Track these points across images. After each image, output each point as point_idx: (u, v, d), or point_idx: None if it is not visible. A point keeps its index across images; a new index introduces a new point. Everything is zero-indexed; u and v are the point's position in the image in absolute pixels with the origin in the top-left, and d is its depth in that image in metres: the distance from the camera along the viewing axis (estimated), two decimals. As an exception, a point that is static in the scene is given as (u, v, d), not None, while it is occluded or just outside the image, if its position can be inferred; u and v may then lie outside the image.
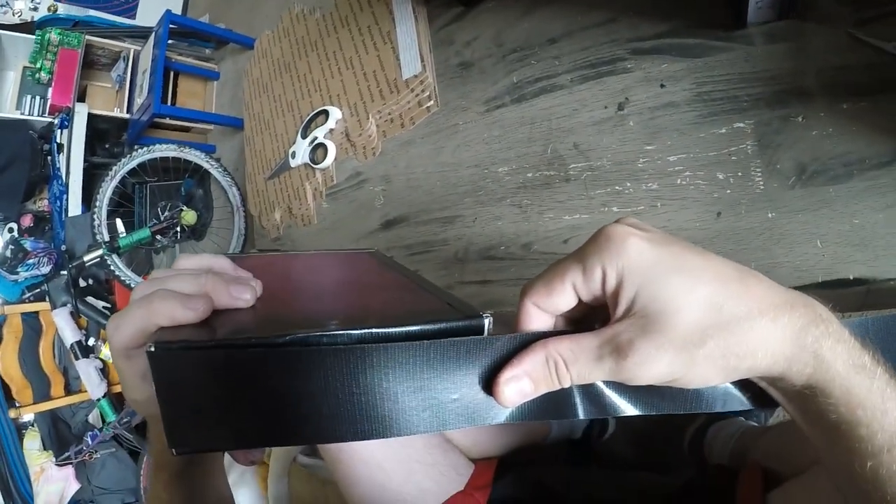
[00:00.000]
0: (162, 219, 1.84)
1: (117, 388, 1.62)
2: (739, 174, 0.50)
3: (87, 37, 1.95)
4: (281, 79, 0.99)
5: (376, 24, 0.81)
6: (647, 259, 0.25)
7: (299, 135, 0.89)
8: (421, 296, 0.30)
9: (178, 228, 1.77)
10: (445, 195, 0.68)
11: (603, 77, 0.57)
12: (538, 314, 0.28)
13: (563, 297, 0.27)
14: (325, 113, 0.87)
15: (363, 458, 0.57)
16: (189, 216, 1.76)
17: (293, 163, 0.89)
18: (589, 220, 0.55)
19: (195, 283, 0.29)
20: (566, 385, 0.27)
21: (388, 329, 0.24)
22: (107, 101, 2.04)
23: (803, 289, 0.47)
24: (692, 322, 0.24)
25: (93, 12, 2.23)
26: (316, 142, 0.85)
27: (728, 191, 0.50)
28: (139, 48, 2.01)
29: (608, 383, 0.27)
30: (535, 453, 0.87)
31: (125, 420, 1.53)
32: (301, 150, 0.87)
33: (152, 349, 0.24)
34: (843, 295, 0.47)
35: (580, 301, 0.27)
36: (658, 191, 0.52)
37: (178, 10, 2.44)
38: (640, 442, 0.97)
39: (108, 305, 1.62)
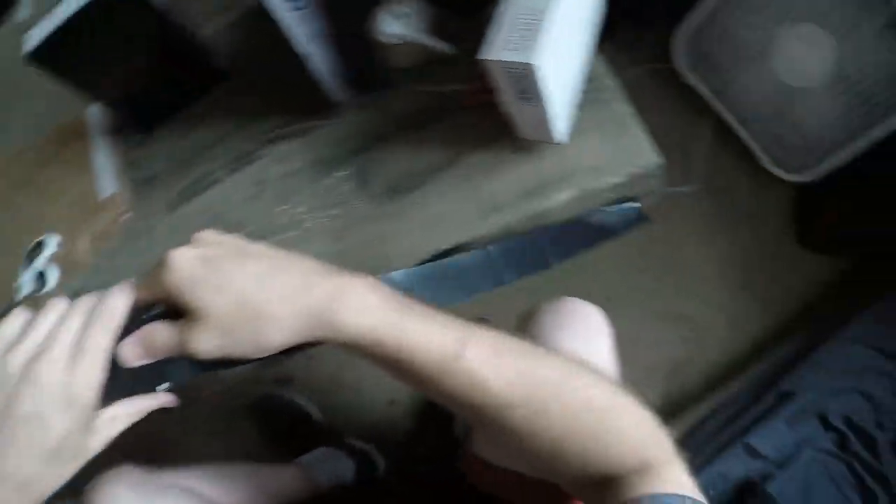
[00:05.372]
0: None
1: None
2: (346, 207, 0.69)
3: None
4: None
5: (79, 155, 0.92)
6: (188, 273, 0.34)
7: (21, 269, 0.90)
8: None
9: None
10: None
11: (246, 166, 0.75)
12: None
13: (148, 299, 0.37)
14: (44, 242, 0.91)
15: None
16: None
17: (18, 297, 0.89)
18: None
19: None
20: (159, 353, 0.35)
21: None
22: None
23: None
24: (223, 316, 0.32)
25: None
26: (38, 270, 0.87)
27: (340, 220, 0.68)
28: None
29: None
30: None
31: None
32: (26, 283, 0.86)
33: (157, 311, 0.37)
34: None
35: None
36: (296, 236, 0.69)
37: None
38: (409, 469, 1.11)
39: None
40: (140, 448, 0.75)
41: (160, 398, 0.38)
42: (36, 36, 0.70)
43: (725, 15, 1.09)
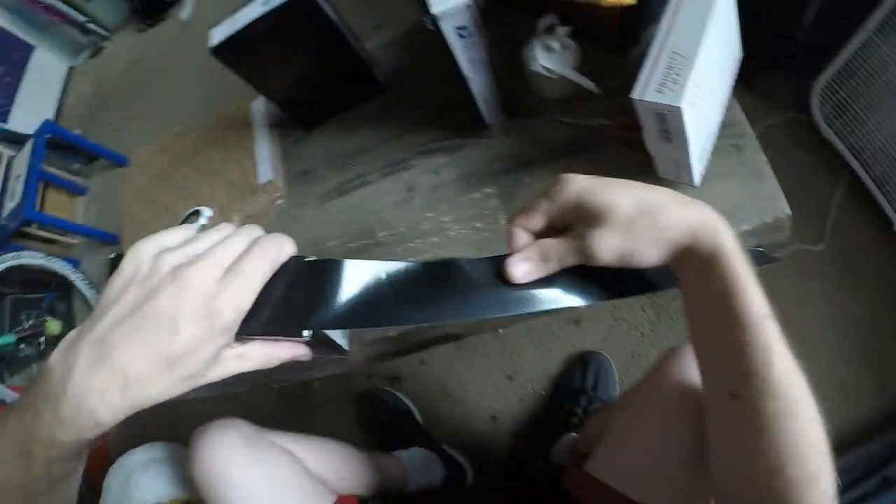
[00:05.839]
0: (27, 326, 1.79)
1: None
2: (490, 222, 0.72)
3: (-37, 136, 1.92)
4: (159, 187, 1.13)
5: (241, 143, 1.02)
6: (591, 183, 0.38)
7: None
8: None
9: (42, 339, 1.73)
10: (291, 267, 0.84)
11: (398, 172, 0.81)
12: (522, 234, 0.41)
13: (537, 218, 0.40)
14: (198, 212, 1.01)
15: (239, 483, 0.69)
16: (54, 326, 1.73)
17: None
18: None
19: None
20: (552, 265, 0.39)
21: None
22: (-27, 204, 1.97)
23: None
24: (626, 211, 0.36)
25: (-36, 111, 2.21)
26: None
27: (485, 234, 0.72)
28: (13, 153, 2.02)
29: (584, 274, 0.39)
30: (397, 500, 1.00)
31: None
32: None
33: (313, 258, 0.37)
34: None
35: (548, 226, 0.40)
36: (438, 242, 0.74)
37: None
38: (497, 484, 1.14)
39: (-36, 412, 1.51)
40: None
41: (295, 350, 0.38)
42: (220, 34, 0.78)
43: (863, 70, 1.06)
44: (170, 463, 0.91)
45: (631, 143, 0.67)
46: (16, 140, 2.16)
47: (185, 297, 0.31)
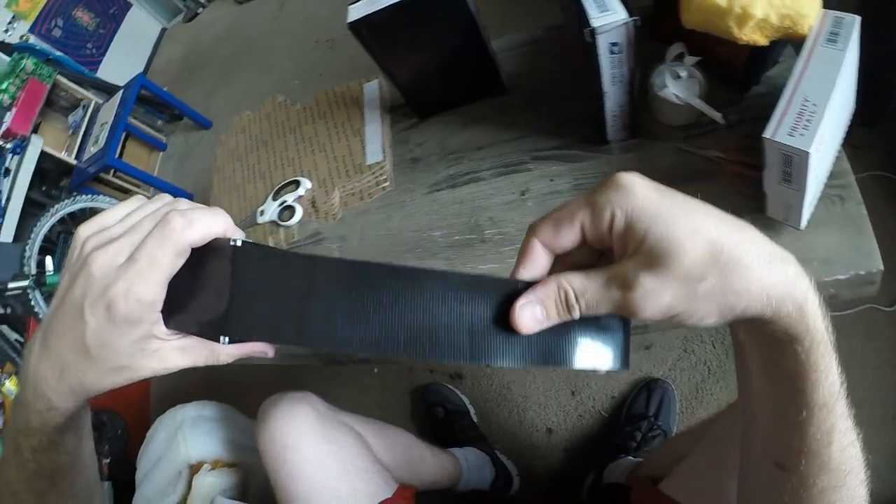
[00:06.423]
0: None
1: None
2: None
3: (58, 76, 2.04)
4: (257, 152, 1.15)
5: (349, 121, 1.05)
6: (654, 203, 0.27)
7: (270, 197, 0.99)
8: None
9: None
10: (390, 251, 0.83)
11: (512, 174, 0.83)
12: (541, 253, 0.31)
13: (569, 234, 0.30)
14: (297, 182, 0.98)
15: (307, 456, 0.70)
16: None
17: (260, 219, 0.97)
18: (497, 268, 0.75)
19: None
20: (575, 315, 0.29)
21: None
22: (57, 142, 2.05)
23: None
24: (695, 260, 0.26)
25: (60, 54, 2.33)
26: (285, 204, 0.96)
27: None
28: (101, 101, 2.11)
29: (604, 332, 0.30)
30: (446, 497, 1.01)
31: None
32: (270, 210, 0.97)
33: (239, 244, 0.31)
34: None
35: (583, 244, 0.30)
36: None
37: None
38: (543, 497, 1.14)
39: (21, 340, 1.57)
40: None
41: (248, 346, 0.35)
42: (358, 11, 0.81)
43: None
44: (219, 422, 0.93)
45: (743, 179, 0.69)
46: (103, 89, 2.24)
47: (89, 285, 0.30)
